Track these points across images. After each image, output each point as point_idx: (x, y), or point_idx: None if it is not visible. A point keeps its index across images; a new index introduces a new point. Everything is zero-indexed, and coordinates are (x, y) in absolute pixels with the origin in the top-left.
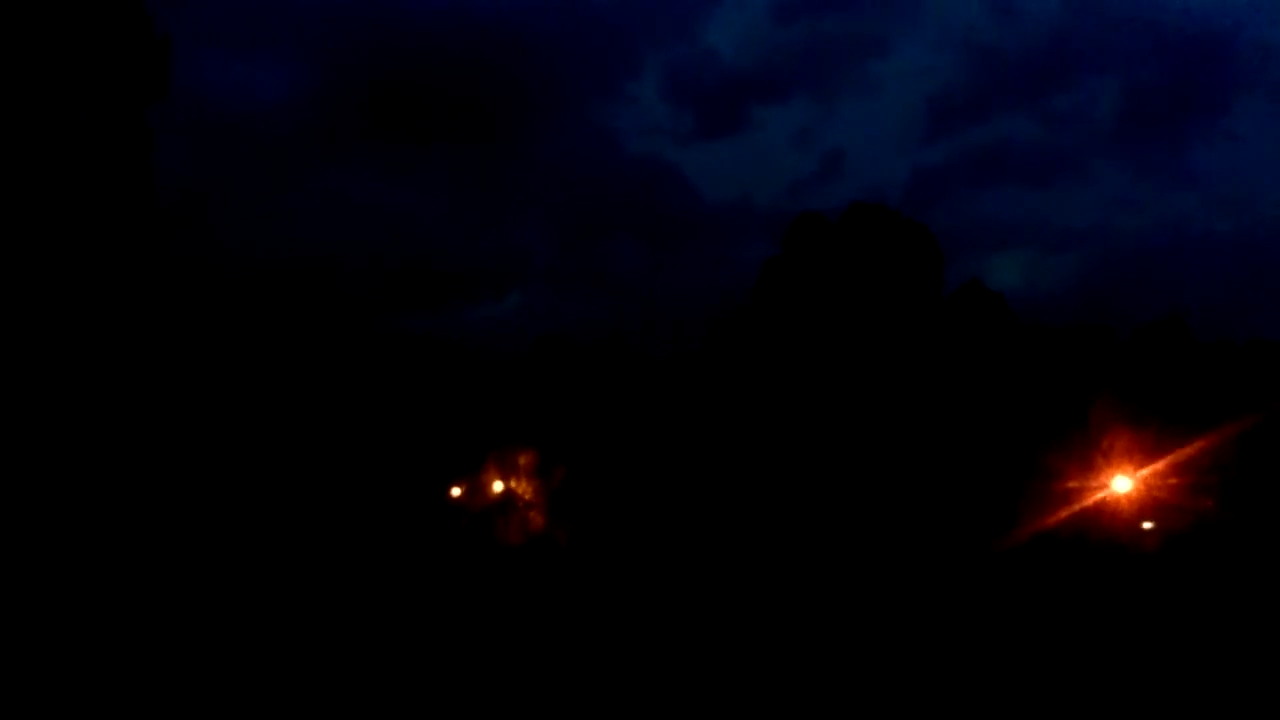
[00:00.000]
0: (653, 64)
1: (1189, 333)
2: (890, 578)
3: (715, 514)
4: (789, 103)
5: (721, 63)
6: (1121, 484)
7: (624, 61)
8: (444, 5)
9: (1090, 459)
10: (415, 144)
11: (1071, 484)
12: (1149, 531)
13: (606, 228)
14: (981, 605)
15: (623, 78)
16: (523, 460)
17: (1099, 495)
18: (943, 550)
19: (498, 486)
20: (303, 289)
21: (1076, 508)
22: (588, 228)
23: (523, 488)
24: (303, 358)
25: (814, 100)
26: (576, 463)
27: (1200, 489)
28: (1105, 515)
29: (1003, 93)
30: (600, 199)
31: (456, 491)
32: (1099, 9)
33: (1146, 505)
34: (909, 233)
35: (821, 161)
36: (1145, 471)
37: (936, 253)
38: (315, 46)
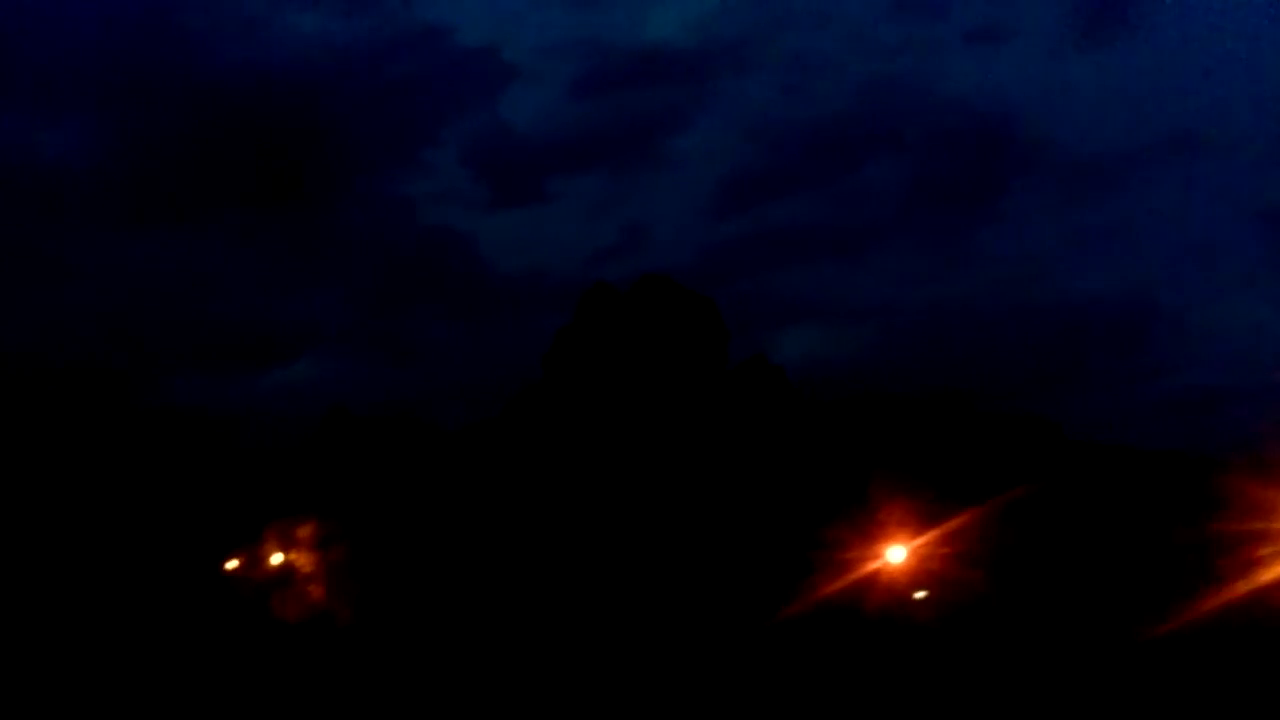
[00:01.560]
0: (452, 133)
1: (968, 406)
2: (673, 649)
3: (499, 588)
4: (587, 175)
5: (520, 134)
6: (896, 554)
7: (422, 130)
8: (243, 68)
9: (867, 529)
10: (211, 207)
11: (848, 554)
12: (921, 601)
13: (402, 296)
14: (756, 676)
15: (420, 146)
16: (303, 532)
17: (873, 565)
18: (724, 622)
19: (276, 558)
20: (58, 370)
21: (851, 578)
22: (383, 295)
23: (302, 560)
24: (46, 442)
25: (612, 174)
26: (360, 536)
27: (971, 559)
28: (880, 586)
29: (795, 171)
30: (396, 267)
31: (234, 564)
32: (888, 94)
33: (919, 575)
34: (696, 306)
35: (619, 234)
36: (919, 542)
37: (721, 327)
38: (109, 106)
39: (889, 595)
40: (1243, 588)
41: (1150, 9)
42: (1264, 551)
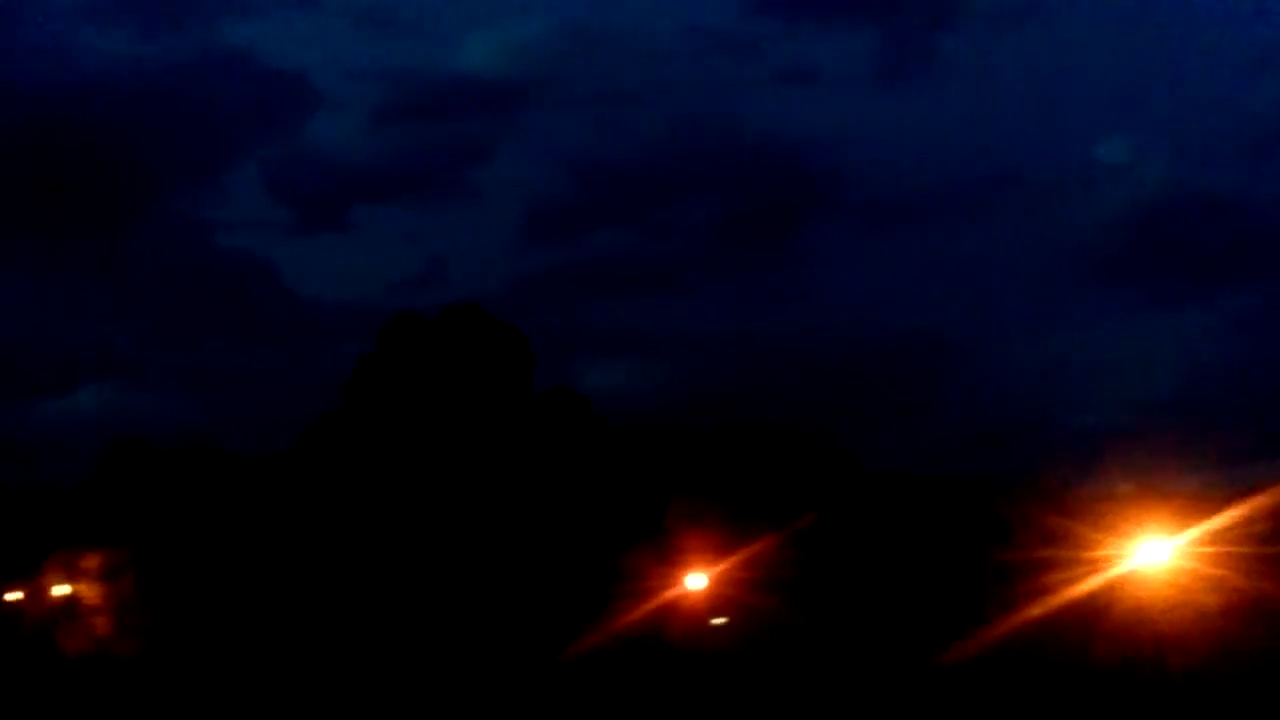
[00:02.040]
0: (255, 157)
1: (767, 436)
2: (471, 683)
3: (291, 618)
4: (393, 203)
5: (325, 160)
6: (695, 582)
7: (224, 154)
8: (37, 87)
9: (667, 558)
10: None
11: (648, 583)
12: (720, 628)
13: (199, 322)
14: (552, 711)
15: (222, 170)
16: (89, 564)
17: (673, 593)
18: (520, 657)
19: (60, 590)
20: None
21: (651, 607)
22: (179, 322)
23: (87, 592)
24: None
25: (419, 202)
26: (150, 567)
27: (768, 585)
28: (679, 614)
29: (604, 205)
30: (193, 293)
31: (15, 595)
32: (699, 130)
33: (719, 602)
34: (502, 335)
35: (425, 263)
36: (718, 569)
37: (528, 356)
38: None
39: (688, 623)
40: (1033, 613)
41: (956, 52)
42: (1052, 578)
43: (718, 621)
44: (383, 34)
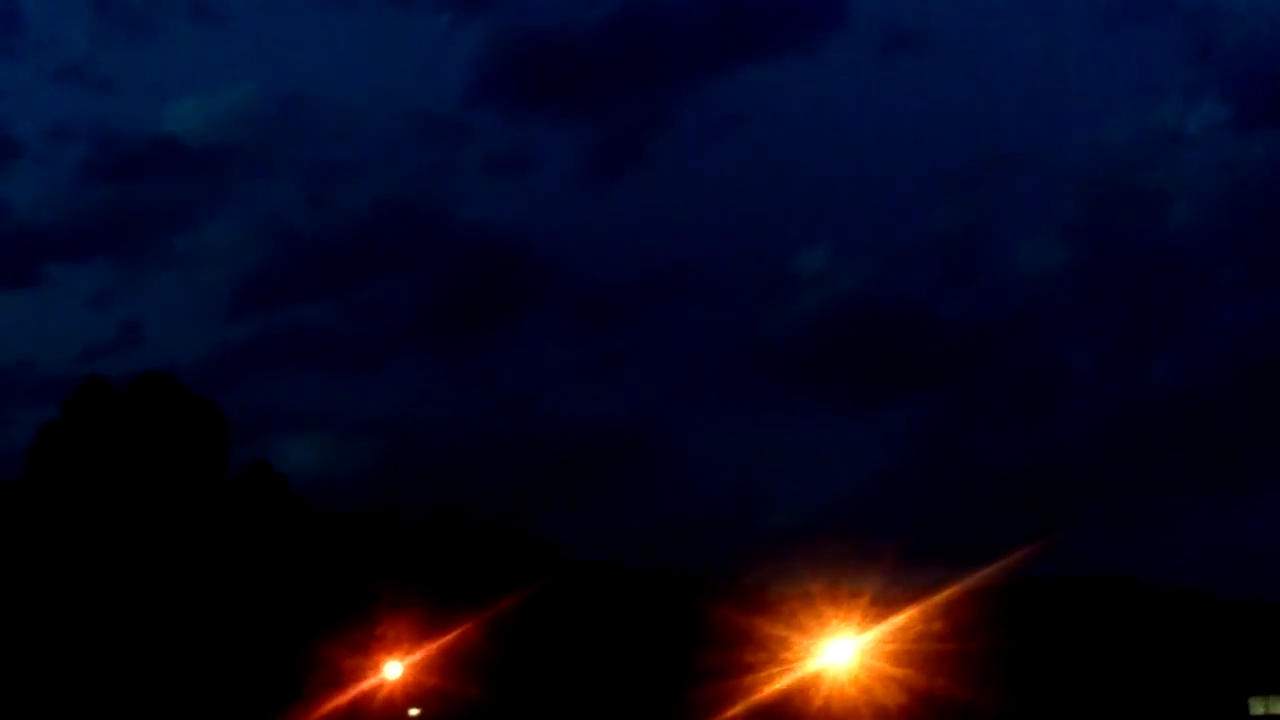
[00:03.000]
0: None
1: (469, 524)
2: None
3: None
4: (89, 264)
5: (19, 215)
6: (393, 670)
7: None
8: None
9: (366, 645)
10: None
11: (345, 671)
12: (417, 718)
13: None
14: None
15: None
16: None
17: (371, 682)
18: None
19: None
20: None
21: (348, 696)
22: None
23: None
24: None
25: (116, 265)
26: None
27: (468, 674)
28: (377, 702)
29: (310, 279)
30: None
31: None
32: (410, 210)
33: (416, 691)
34: (197, 408)
35: (119, 328)
36: (416, 657)
37: (223, 432)
38: None
39: (386, 712)
40: (726, 713)
41: (667, 155)
42: (743, 677)
43: (414, 713)
44: (89, 91)
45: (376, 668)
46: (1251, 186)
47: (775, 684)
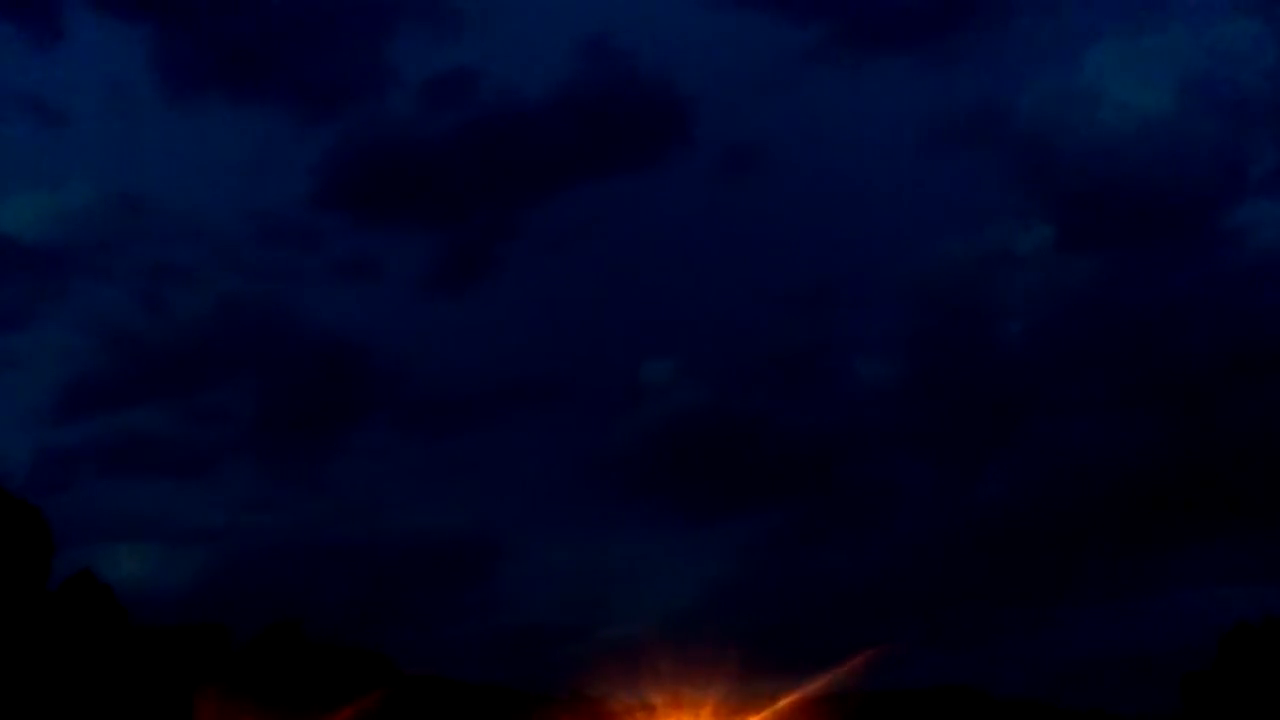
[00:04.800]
0: None
1: (301, 636)
2: None
3: None
4: None
5: None
6: None
7: None
8: None
9: None
10: None
11: None
12: None
13: None
14: None
15: None
16: None
17: None
18: None
19: None
20: None
21: None
22: None
23: None
24: None
25: None
26: None
27: None
28: None
29: (145, 383)
30: None
31: None
32: (250, 315)
33: None
34: (19, 515)
35: None
36: None
37: (47, 538)
38: None
39: None
40: None
41: (515, 264)
42: None
43: None
44: None
45: None
46: (1076, 306)
47: None
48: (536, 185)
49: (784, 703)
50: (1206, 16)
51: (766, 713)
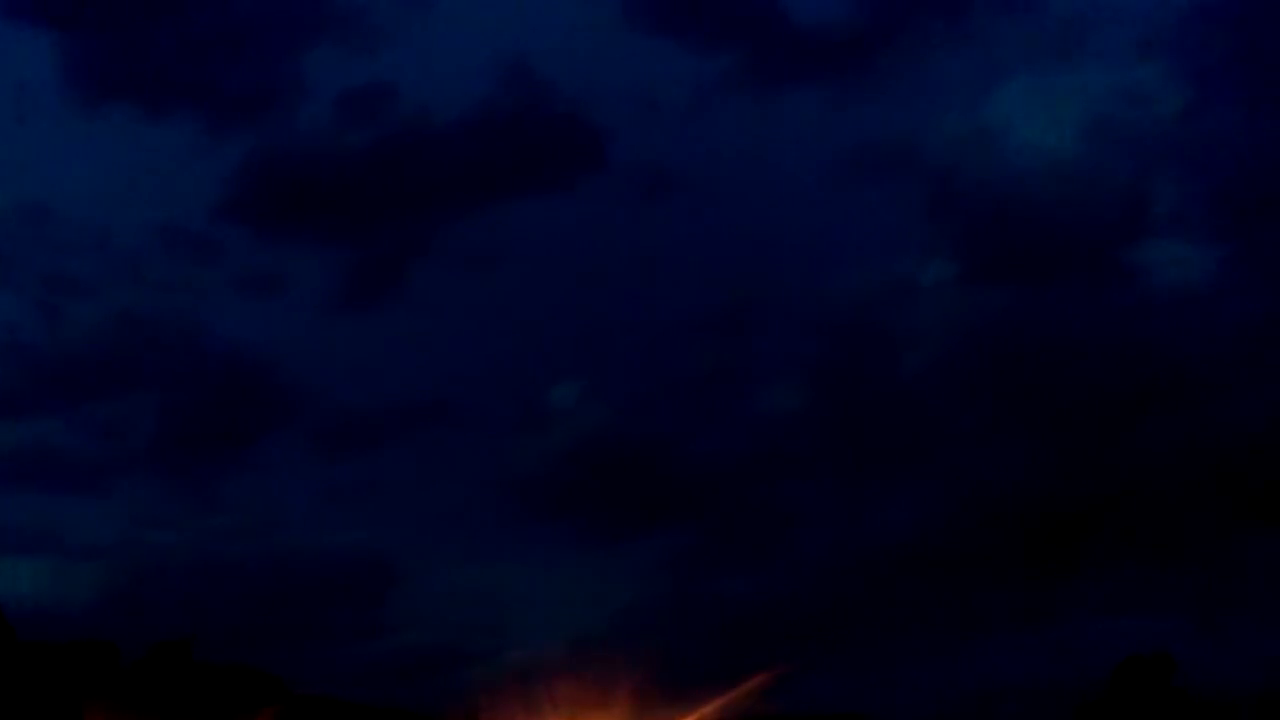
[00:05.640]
0: None
1: (190, 656)
2: None
3: None
4: None
5: None
6: None
7: None
8: None
9: None
10: None
11: None
12: None
13: None
14: None
15: None
16: None
17: None
18: None
19: None
20: None
21: None
22: None
23: None
24: None
25: None
26: None
27: None
28: None
29: (40, 395)
30: None
31: None
32: (150, 328)
33: None
34: None
35: None
36: None
37: None
38: None
39: None
40: None
41: (424, 283)
42: None
43: None
44: None
45: None
46: (979, 338)
47: None
48: (448, 204)
49: None
50: (1116, 58)
51: None
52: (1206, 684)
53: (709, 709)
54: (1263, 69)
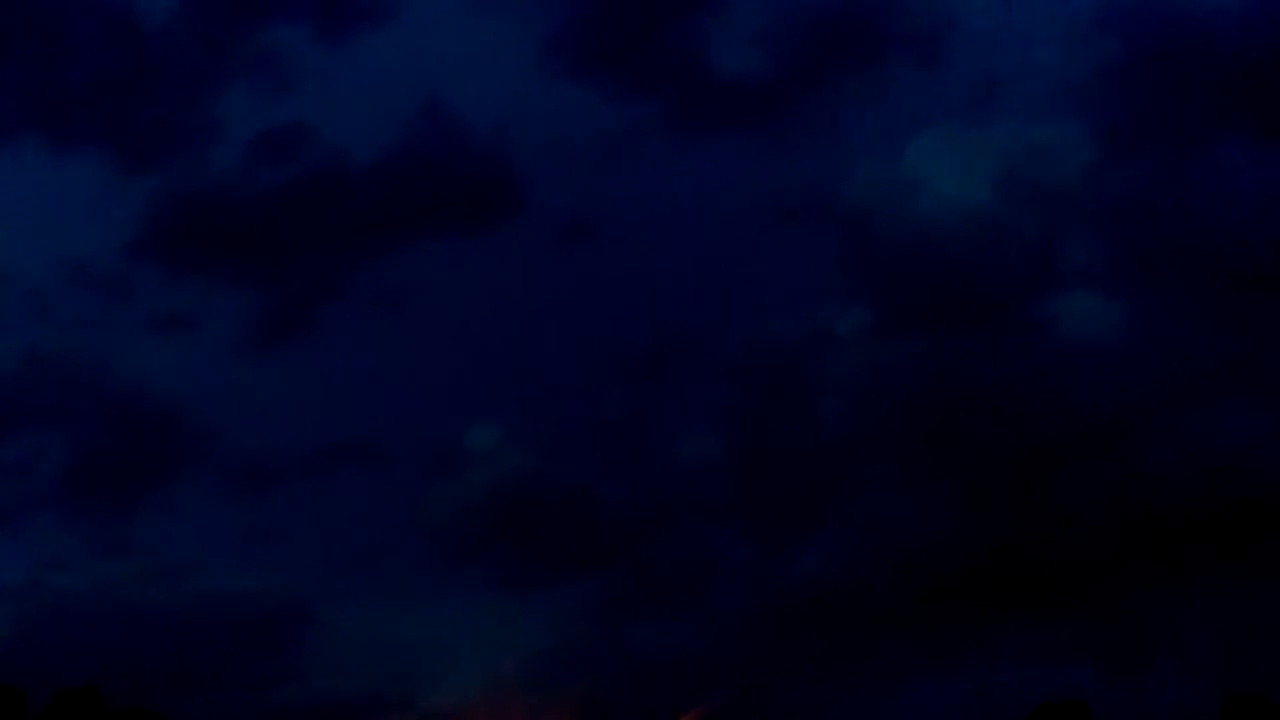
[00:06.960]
0: None
1: (100, 700)
2: None
3: None
4: None
5: None
6: None
7: None
8: None
9: None
10: None
11: None
12: None
13: None
14: None
15: None
16: None
17: None
18: None
19: None
20: None
21: None
22: None
23: None
24: None
25: None
26: None
27: None
28: None
29: None
30: None
31: None
32: (56, 366)
33: None
34: None
35: None
36: None
37: None
38: None
39: None
40: None
41: (335, 324)
42: None
43: None
44: None
45: None
46: (892, 387)
47: None
48: (363, 246)
49: None
50: (1028, 114)
51: None
52: None
53: None
54: (1170, 128)
